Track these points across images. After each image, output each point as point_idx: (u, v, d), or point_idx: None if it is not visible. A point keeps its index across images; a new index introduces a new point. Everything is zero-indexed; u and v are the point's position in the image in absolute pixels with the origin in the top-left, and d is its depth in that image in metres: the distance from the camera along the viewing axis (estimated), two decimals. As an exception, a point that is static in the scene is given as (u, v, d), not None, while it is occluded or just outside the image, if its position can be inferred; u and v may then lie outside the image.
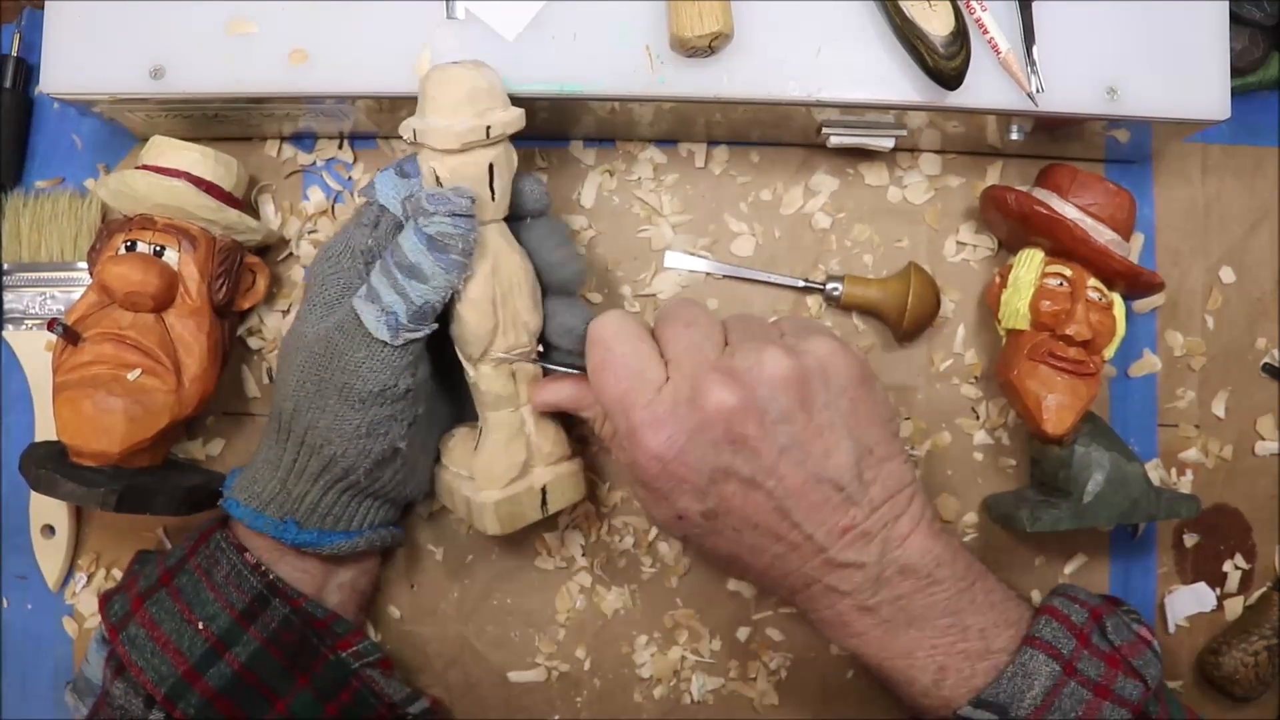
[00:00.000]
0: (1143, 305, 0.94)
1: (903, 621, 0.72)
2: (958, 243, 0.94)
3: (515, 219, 0.80)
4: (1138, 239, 0.94)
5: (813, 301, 0.93)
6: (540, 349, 0.81)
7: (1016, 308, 0.86)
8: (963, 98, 0.80)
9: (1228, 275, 0.95)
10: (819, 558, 0.71)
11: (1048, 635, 0.72)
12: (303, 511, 0.78)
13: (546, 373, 0.82)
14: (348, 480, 0.78)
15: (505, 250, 0.77)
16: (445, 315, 0.77)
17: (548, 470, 0.82)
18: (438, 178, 0.74)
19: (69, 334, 0.81)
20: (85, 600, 0.91)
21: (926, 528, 0.73)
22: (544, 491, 0.82)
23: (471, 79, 0.73)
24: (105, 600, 0.78)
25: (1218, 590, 0.94)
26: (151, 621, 0.75)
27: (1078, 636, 0.72)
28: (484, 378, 0.79)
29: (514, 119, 0.76)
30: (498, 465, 0.80)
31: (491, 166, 0.74)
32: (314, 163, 0.93)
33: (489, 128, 0.73)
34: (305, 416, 0.76)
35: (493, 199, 0.76)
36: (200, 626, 0.75)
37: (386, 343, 0.74)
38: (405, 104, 0.82)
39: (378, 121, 0.88)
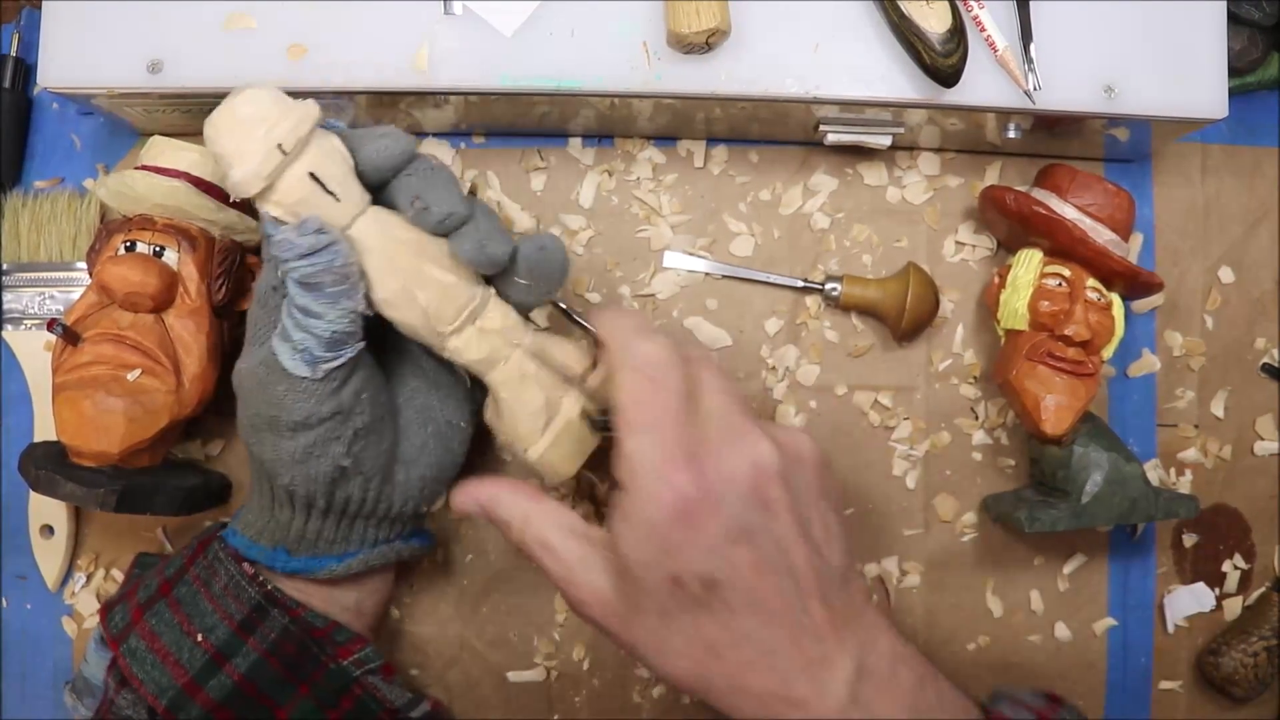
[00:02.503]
0: (1142, 305, 0.94)
1: None
2: (957, 243, 0.94)
3: (388, 183, 0.73)
4: (1137, 239, 0.94)
5: (812, 301, 0.93)
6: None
7: (1015, 308, 0.86)
8: (960, 95, 0.80)
9: (1227, 275, 0.95)
10: (803, 660, 0.65)
11: None
12: (291, 539, 0.78)
13: (567, 316, 0.81)
14: (318, 507, 0.77)
15: (389, 234, 0.72)
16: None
17: (575, 395, 0.78)
18: (277, 219, 0.69)
19: (68, 334, 0.81)
20: (85, 600, 0.91)
21: (888, 627, 0.69)
22: (585, 414, 0.78)
23: (233, 111, 0.68)
24: (106, 610, 0.78)
25: (1217, 590, 0.93)
26: (151, 633, 0.75)
27: None
28: (458, 351, 0.75)
29: (300, 119, 0.69)
30: (522, 422, 0.76)
31: (312, 174, 0.69)
32: (313, 163, 0.93)
33: (279, 145, 0.67)
34: (255, 451, 0.75)
35: (338, 199, 0.70)
36: (199, 638, 0.74)
37: (307, 377, 0.71)
38: (404, 98, 0.83)
39: (376, 117, 0.88)
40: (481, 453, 0.91)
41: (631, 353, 0.67)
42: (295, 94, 0.82)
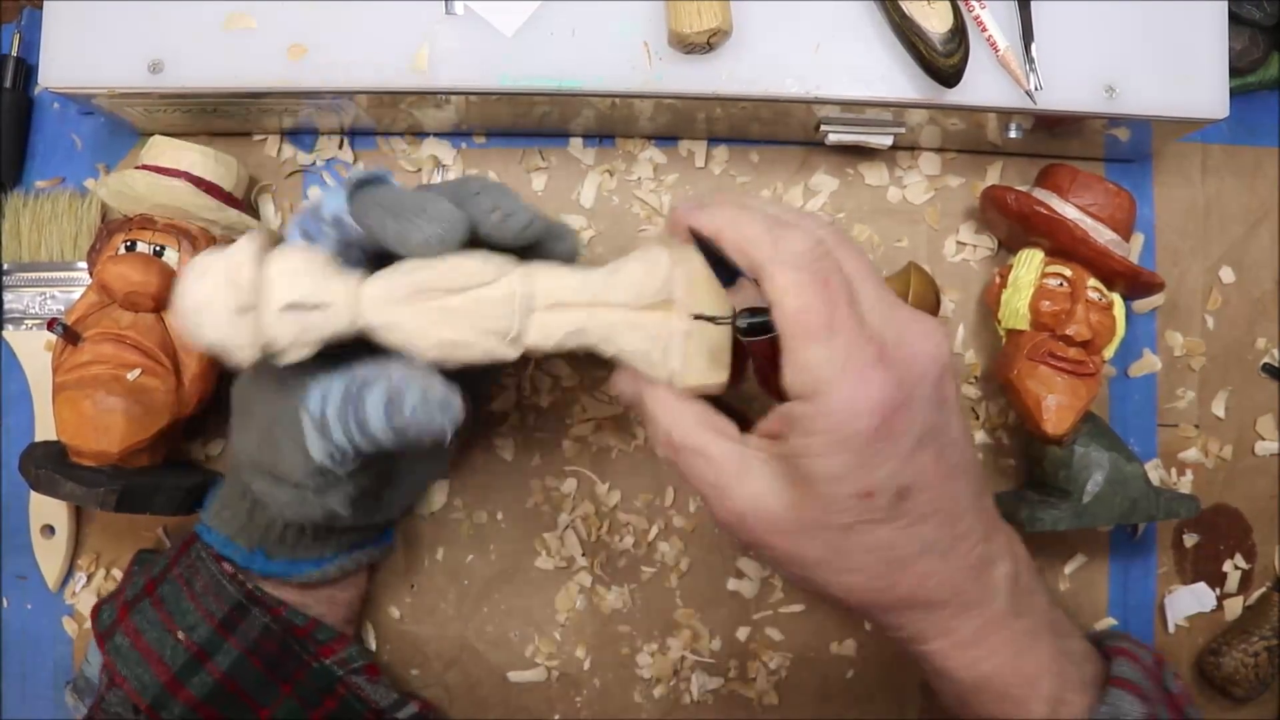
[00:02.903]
0: (1143, 305, 0.94)
1: (1028, 636, 0.65)
2: (958, 243, 0.94)
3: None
4: (1138, 239, 0.94)
5: (812, 301, 0.93)
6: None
7: (1016, 308, 0.86)
8: (961, 95, 0.80)
9: (1228, 275, 0.95)
10: (975, 553, 0.63)
11: (1129, 674, 0.67)
12: (270, 542, 0.77)
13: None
14: (300, 527, 0.77)
15: (394, 300, 0.65)
16: None
17: (674, 310, 0.68)
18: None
19: (69, 334, 0.81)
20: (85, 600, 0.91)
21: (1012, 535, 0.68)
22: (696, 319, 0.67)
23: (184, 307, 0.64)
24: (97, 610, 0.78)
25: (1217, 590, 0.93)
26: (135, 631, 0.75)
27: (1153, 679, 0.68)
28: (543, 345, 0.67)
29: (235, 263, 0.63)
30: (640, 364, 0.68)
31: (290, 305, 0.63)
32: (314, 163, 0.93)
33: (239, 307, 0.62)
34: (245, 479, 0.74)
35: (327, 309, 0.64)
36: (181, 636, 0.74)
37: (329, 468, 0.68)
38: (404, 98, 0.83)
39: (377, 116, 0.89)
40: (486, 449, 0.92)
41: (782, 250, 0.60)
42: (295, 94, 0.83)
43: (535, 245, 0.69)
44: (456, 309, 0.65)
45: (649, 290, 0.67)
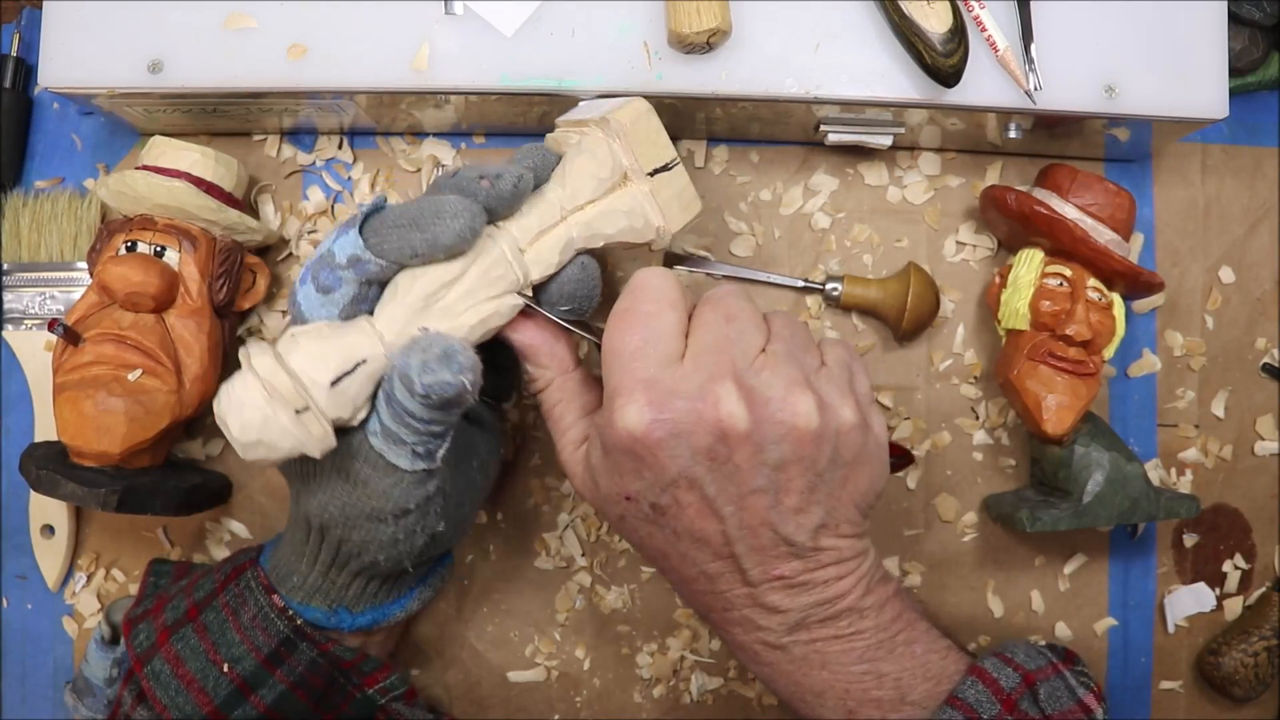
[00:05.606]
0: (1142, 305, 0.94)
1: (816, 663, 0.70)
2: (957, 243, 0.94)
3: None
4: (1137, 239, 0.94)
5: (812, 301, 0.93)
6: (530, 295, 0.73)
7: (1016, 308, 0.86)
8: (961, 95, 0.80)
9: (1227, 275, 0.95)
10: (745, 590, 0.69)
11: (970, 697, 0.68)
12: (350, 598, 0.76)
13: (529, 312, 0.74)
14: (395, 572, 0.76)
15: (407, 321, 0.69)
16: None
17: (631, 173, 0.76)
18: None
19: (69, 334, 0.81)
20: (85, 600, 0.91)
21: (864, 587, 0.70)
22: (652, 175, 0.76)
23: (231, 435, 0.67)
24: (130, 626, 0.76)
25: (1217, 590, 0.94)
26: (177, 658, 0.73)
27: (1003, 702, 0.68)
28: (550, 262, 0.72)
29: (257, 377, 0.66)
30: (630, 235, 0.75)
31: (334, 382, 0.67)
32: (314, 163, 0.93)
33: (285, 404, 0.65)
34: (335, 533, 0.72)
35: (362, 366, 0.67)
36: (225, 668, 0.73)
37: (425, 469, 0.70)
38: (404, 98, 0.83)
39: (377, 116, 0.89)
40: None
41: (630, 284, 0.70)
42: (295, 94, 0.83)
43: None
44: (468, 291, 0.69)
45: (603, 175, 0.74)
